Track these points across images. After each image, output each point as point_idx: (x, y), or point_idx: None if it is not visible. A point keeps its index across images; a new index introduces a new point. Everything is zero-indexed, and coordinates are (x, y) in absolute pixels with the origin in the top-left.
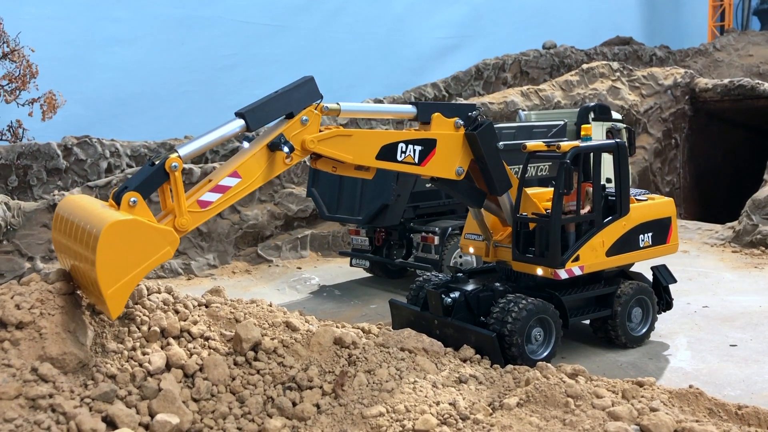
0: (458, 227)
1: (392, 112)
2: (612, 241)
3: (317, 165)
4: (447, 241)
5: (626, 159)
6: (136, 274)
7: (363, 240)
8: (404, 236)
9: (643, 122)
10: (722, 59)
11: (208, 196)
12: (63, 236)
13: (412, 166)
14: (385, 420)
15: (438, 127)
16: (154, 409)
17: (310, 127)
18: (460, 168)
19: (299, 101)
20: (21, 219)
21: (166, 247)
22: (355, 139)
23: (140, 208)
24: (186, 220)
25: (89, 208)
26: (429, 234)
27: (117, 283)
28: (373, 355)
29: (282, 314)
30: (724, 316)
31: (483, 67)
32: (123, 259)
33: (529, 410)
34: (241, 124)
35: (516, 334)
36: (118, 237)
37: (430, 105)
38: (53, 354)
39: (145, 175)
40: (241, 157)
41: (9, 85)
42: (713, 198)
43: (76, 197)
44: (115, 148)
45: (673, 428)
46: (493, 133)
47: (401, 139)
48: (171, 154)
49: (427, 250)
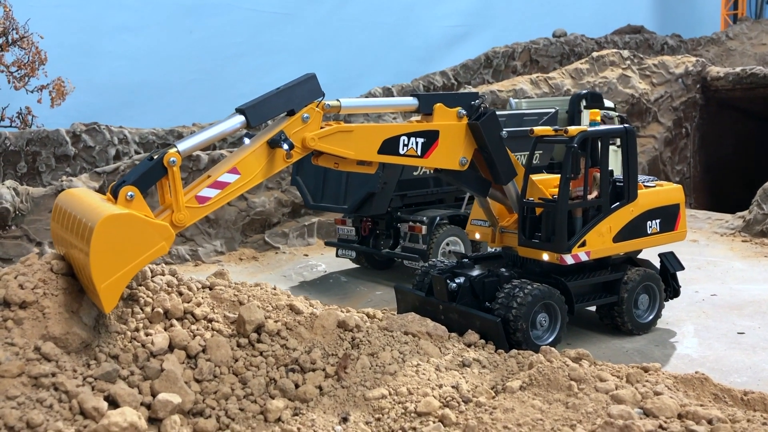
0: (447, 216)
1: (393, 106)
2: (619, 227)
3: (319, 161)
4: (435, 230)
5: (635, 144)
6: (131, 268)
7: (349, 230)
8: (391, 226)
9: (653, 111)
10: (735, 48)
11: (206, 191)
12: (61, 228)
13: (414, 158)
14: (387, 402)
15: (440, 118)
16: (156, 389)
17: (311, 125)
18: (463, 158)
19: (301, 98)
20: (29, 204)
21: (161, 242)
22: (356, 135)
23: (137, 203)
24: (183, 216)
25: (87, 201)
26: (416, 223)
27: (111, 277)
28: (376, 339)
29: (286, 297)
30: (732, 304)
31: (492, 55)
32: (117, 254)
33: (531, 393)
34: (242, 120)
35: (521, 319)
36: (113, 231)
37: (432, 96)
38: (56, 333)
39: (143, 170)
40: (240, 153)
41: (18, 72)
42: (724, 188)
43: (75, 190)
44: (123, 135)
45: (677, 412)
46: (496, 122)
47: (403, 132)
48: (170, 149)
49: (415, 239)
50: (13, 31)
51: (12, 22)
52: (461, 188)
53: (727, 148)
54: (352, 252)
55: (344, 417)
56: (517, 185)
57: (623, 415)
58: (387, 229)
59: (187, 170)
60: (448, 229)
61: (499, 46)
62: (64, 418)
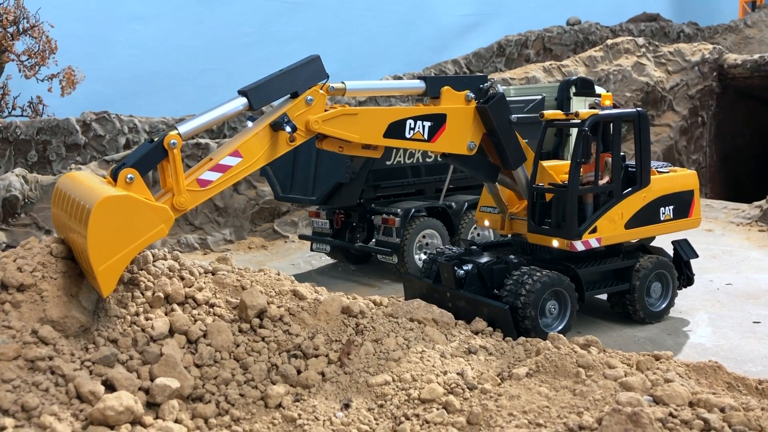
0: (423, 208)
1: (400, 89)
2: (631, 213)
3: (323, 145)
4: (409, 223)
5: (647, 129)
6: (129, 251)
7: (323, 223)
8: (365, 218)
9: (668, 99)
10: (753, 36)
11: (208, 175)
12: (61, 211)
13: (421, 143)
14: (391, 389)
15: (448, 101)
16: (155, 374)
17: (315, 108)
18: (471, 143)
19: (304, 81)
20: (38, 192)
21: (159, 224)
22: (361, 118)
23: (137, 185)
24: (185, 199)
25: (87, 183)
26: (390, 216)
27: (109, 260)
28: (381, 325)
29: (290, 283)
30: (747, 293)
31: (505, 43)
32: (115, 236)
33: (538, 380)
34: (244, 103)
35: (530, 306)
36: (111, 213)
37: (440, 79)
38: (54, 317)
39: (143, 152)
40: (243, 136)
41: (29, 61)
42: (741, 177)
43: (76, 173)
44: (133, 124)
45: (688, 399)
46: (505, 105)
47: (409, 116)
48: (170, 131)
49: (388, 233)
50: (24, 20)
51: (23, 11)
52: (470, 174)
53: (744, 137)
54: (326, 246)
55: (346, 403)
56: (527, 171)
57: (632, 402)
58: (360, 222)
59: (196, 158)
60: (424, 221)
61: (512, 35)
62: (60, 401)
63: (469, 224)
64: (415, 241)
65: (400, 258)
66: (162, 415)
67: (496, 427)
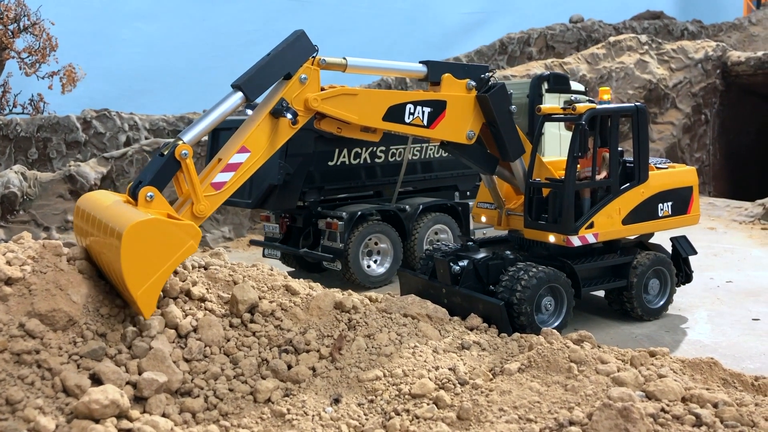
0: (371, 212)
1: (401, 70)
2: (629, 208)
3: (321, 125)
4: (355, 227)
5: (646, 124)
6: (163, 272)
7: (274, 227)
8: (310, 222)
9: (671, 97)
10: (758, 34)
11: (220, 177)
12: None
13: (420, 128)
14: (382, 384)
15: (448, 89)
16: (143, 368)
17: (311, 85)
18: (471, 132)
19: (294, 60)
20: (37, 189)
21: (189, 241)
22: (361, 99)
23: (158, 202)
24: (204, 206)
25: (111, 206)
26: (333, 219)
27: (145, 283)
28: (374, 320)
29: (282, 278)
30: (748, 290)
31: (507, 41)
32: (148, 259)
33: (530, 375)
34: (240, 97)
35: (525, 302)
36: (141, 238)
37: (441, 64)
38: (42, 310)
39: (157, 167)
40: (245, 130)
41: (29, 58)
42: (744, 176)
43: (94, 193)
44: (134, 122)
45: (681, 395)
46: (506, 95)
47: (409, 100)
48: (177, 142)
49: (333, 238)
50: (25, 17)
51: (24, 8)
52: (468, 164)
53: (748, 135)
54: (276, 252)
55: (336, 398)
56: (525, 163)
57: (623, 397)
58: (305, 226)
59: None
60: (372, 225)
61: (515, 32)
62: (46, 395)
63: (424, 228)
64: (361, 246)
65: (344, 264)
66: (149, 410)
67: (486, 423)
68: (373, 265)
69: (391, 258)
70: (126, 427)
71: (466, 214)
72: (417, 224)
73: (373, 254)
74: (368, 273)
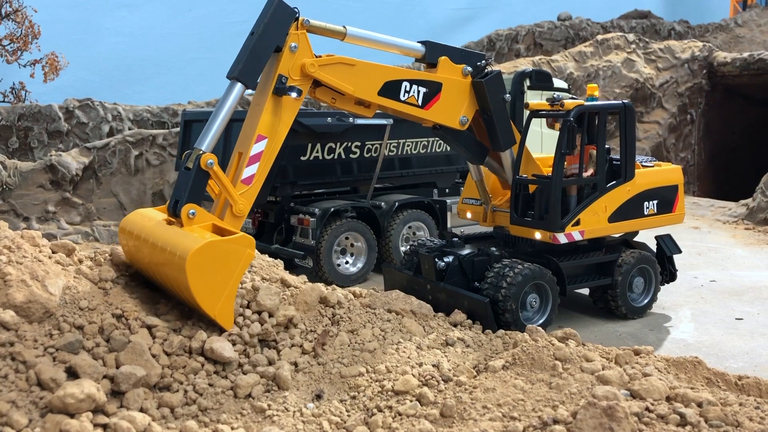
0: (344, 208)
1: (399, 47)
2: (615, 206)
3: (316, 94)
4: (327, 224)
5: (633, 122)
6: (231, 287)
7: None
8: (282, 218)
9: (658, 96)
10: (744, 35)
11: (248, 171)
12: (142, 250)
13: (414, 108)
14: (364, 380)
15: (444, 71)
16: (121, 362)
17: (302, 50)
18: (464, 117)
19: (278, 31)
20: (17, 179)
21: (246, 251)
22: (358, 70)
23: (200, 216)
24: (242, 204)
25: (161, 228)
26: (305, 216)
27: (218, 301)
28: (357, 316)
29: (282, 271)
30: (732, 290)
31: (495, 37)
32: (214, 280)
33: (514, 373)
34: (240, 87)
35: (510, 299)
36: (202, 264)
37: (440, 47)
38: (17, 302)
39: (188, 183)
40: (254, 119)
41: (11, 46)
42: (729, 176)
43: (137, 215)
44: (117, 112)
45: (666, 394)
46: (501, 83)
47: (406, 78)
48: (199, 153)
49: (305, 234)
50: (7, 4)
51: None
52: (458, 152)
53: (733, 135)
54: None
55: (318, 394)
56: (515, 154)
57: (608, 396)
58: (276, 222)
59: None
60: (345, 222)
61: (503, 29)
62: (20, 389)
63: (399, 225)
64: (334, 243)
65: (315, 262)
66: (126, 404)
67: (469, 420)
68: (346, 264)
69: (365, 256)
70: (102, 422)
71: (443, 212)
72: (392, 221)
73: (346, 252)
74: (341, 271)
